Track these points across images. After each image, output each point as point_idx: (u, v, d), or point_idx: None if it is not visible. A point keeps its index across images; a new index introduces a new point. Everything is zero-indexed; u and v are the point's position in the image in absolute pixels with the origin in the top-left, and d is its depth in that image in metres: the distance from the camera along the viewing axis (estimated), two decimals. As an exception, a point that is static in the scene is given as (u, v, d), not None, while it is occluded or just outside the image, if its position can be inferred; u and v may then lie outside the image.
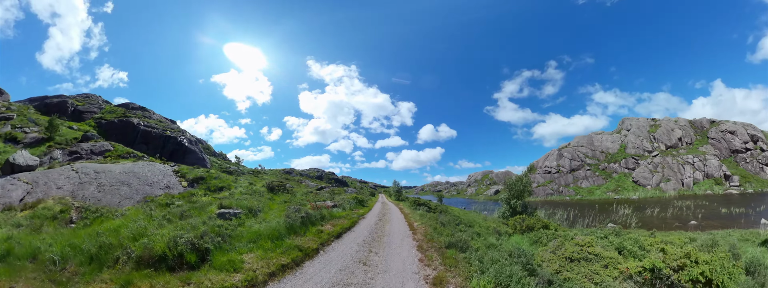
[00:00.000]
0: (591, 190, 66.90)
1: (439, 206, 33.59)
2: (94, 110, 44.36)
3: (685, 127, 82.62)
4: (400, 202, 37.86)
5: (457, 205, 55.91)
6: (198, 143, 42.00)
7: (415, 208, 26.64)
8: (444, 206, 37.92)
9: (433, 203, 37.25)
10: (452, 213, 24.97)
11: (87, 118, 41.83)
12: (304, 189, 36.89)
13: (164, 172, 20.56)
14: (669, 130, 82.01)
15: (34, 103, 44.61)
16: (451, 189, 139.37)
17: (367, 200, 31.41)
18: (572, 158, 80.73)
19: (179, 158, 36.07)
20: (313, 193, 29.39)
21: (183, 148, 38.16)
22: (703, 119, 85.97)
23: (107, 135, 37.38)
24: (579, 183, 71.95)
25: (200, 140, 64.51)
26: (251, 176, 36.87)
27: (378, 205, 29.07)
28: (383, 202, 35.27)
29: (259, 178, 36.99)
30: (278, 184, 19.87)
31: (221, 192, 18.25)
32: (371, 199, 37.94)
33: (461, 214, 26.39)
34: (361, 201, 25.46)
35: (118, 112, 43.91)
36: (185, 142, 39.18)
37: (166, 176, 20.22)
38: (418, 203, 32.47)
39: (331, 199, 22.17)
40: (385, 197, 53.74)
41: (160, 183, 18.77)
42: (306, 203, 15.26)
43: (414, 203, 32.99)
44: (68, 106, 43.60)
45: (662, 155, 73.06)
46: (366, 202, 28.77)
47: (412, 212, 21.49)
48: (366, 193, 48.12)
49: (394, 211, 24.26)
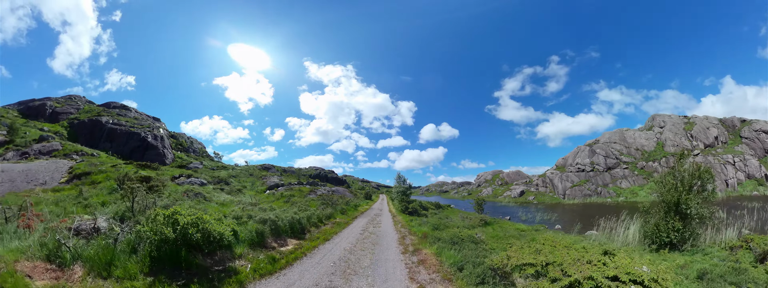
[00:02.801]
0: (633, 191, 61.83)
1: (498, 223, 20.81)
2: (71, 111, 46.19)
3: (718, 126, 77.20)
4: (409, 219, 20.74)
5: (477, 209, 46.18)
6: (163, 139, 41.55)
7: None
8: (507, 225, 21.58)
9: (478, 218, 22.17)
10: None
11: (62, 119, 43.62)
12: (238, 186, 30.80)
13: (59, 169, 20.31)
14: (704, 128, 76.48)
15: (20, 107, 47.52)
16: (460, 190, 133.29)
17: (339, 213, 20.32)
18: (606, 155, 74.76)
19: (139, 154, 36.80)
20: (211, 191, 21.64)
21: (145, 144, 38.77)
22: (733, 118, 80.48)
23: (77, 134, 39.33)
24: (618, 183, 66.59)
25: (193, 138, 66.54)
26: (207, 170, 36.41)
27: (350, 236, 13.71)
28: (374, 218, 20.70)
29: (214, 172, 36.09)
30: (140, 179, 15.95)
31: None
32: (355, 209, 25.24)
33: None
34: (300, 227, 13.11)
35: (93, 112, 45.69)
36: (149, 138, 39.77)
37: (58, 172, 19.81)
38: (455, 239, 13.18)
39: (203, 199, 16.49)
40: (387, 202, 43.27)
41: (38, 180, 18.23)
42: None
43: (438, 226, 16.57)
44: (47, 109, 45.59)
45: (703, 154, 68.10)
46: (327, 222, 16.79)
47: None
48: (356, 199, 37.46)
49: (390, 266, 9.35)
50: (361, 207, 30.74)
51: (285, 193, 28.13)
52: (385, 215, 23.94)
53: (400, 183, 38.02)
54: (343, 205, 24.61)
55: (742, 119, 79.24)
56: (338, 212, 20.53)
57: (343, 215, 20.92)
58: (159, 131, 43.88)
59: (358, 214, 22.99)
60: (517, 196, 77.42)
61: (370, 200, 51.31)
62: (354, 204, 29.42)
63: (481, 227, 18.27)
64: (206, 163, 43.18)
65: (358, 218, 20.67)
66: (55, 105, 48.48)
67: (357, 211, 24.53)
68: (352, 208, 26.43)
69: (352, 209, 25.00)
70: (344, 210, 22.61)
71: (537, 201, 67.85)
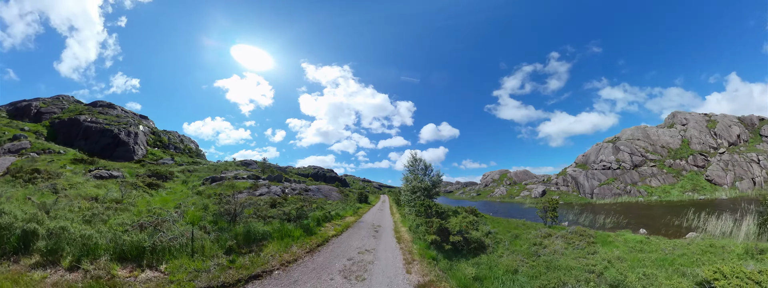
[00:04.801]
0: (665, 190, 59.91)
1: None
2: (55, 111, 47.83)
3: (738, 124, 77.07)
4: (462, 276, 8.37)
5: (507, 213, 38.64)
6: (136, 136, 42.35)
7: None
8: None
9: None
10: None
11: (45, 118, 45.12)
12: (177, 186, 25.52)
13: (2, 165, 20.24)
14: (726, 126, 75.75)
15: (9, 108, 49.51)
16: (466, 190, 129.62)
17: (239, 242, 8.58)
18: (631, 152, 72.57)
19: (110, 150, 37.63)
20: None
21: (117, 141, 39.42)
22: (752, 116, 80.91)
23: (56, 133, 40.29)
24: (647, 181, 64.34)
25: (186, 137, 66.09)
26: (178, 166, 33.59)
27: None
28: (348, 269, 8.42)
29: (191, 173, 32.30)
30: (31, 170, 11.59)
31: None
32: (315, 229, 13.02)
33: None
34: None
35: (76, 111, 46.92)
36: (121, 135, 40.36)
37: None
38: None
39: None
40: (389, 208, 32.19)
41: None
42: None
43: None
44: (32, 109, 47.51)
45: (729, 152, 67.32)
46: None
47: None
48: (342, 204, 28.81)
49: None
50: (335, 219, 18.45)
51: (214, 190, 22.13)
52: (386, 248, 11.57)
53: (417, 172, 21.87)
54: (293, 212, 14.15)
55: (760, 118, 79.37)
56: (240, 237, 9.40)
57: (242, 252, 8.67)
58: (138, 128, 44.81)
59: (305, 249, 10.19)
60: (538, 195, 73.74)
61: (366, 204, 37.00)
62: (324, 213, 17.70)
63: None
64: (179, 160, 43.07)
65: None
66: (41, 105, 49.96)
67: (311, 238, 11.80)
68: (312, 223, 13.80)
69: (296, 233, 11.43)
70: (284, 232, 11.08)
71: (563, 201, 64.65)
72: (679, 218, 25.61)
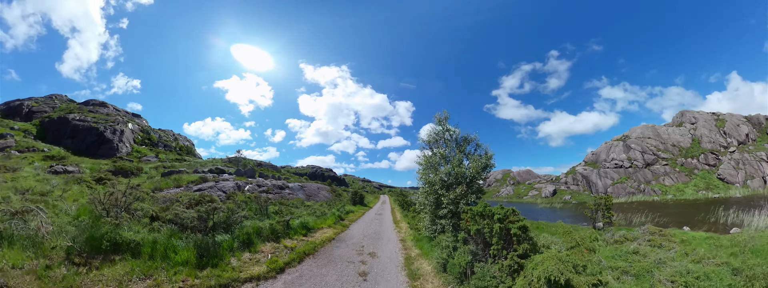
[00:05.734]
0: (679, 188, 59.54)
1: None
2: (46, 110, 48.36)
3: (746, 123, 78.26)
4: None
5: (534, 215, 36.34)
6: (122, 133, 42.58)
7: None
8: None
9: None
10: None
11: (36, 117, 45.68)
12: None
13: None
14: (735, 125, 76.76)
15: (2, 107, 48.80)
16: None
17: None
18: (643, 151, 72.09)
19: (95, 148, 38.13)
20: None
21: (101, 139, 39.78)
22: (758, 115, 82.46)
23: (45, 132, 41.02)
24: (661, 180, 63.94)
25: (181, 136, 65.85)
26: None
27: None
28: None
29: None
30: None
31: None
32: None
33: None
34: None
35: (67, 110, 47.03)
36: (107, 133, 40.81)
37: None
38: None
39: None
40: (391, 216, 25.67)
41: None
42: None
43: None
44: (24, 108, 48.24)
45: (739, 151, 67.99)
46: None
47: None
48: (326, 206, 23.04)
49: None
50: (297, 234, 12.53)
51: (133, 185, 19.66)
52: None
53: (446, 149, 13.16)
54: (215, 217, 9.34)
55: (767, 117, 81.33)
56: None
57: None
58: (126, 126, 45.04)
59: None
60: (548, 195, 72.20)
61: (362, 206, 30.60)
62: (278, 222, 11.96)
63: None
64: (164, 157, 43.11)
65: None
66: (33, 104, 50.72)
67: (200, 274, 6.83)
68: (232, 242, 9.01)
69: (180, 257, 7.13)
70: (162, 247, 7.27)
71: (575, 200, 63.77)
72: (708, 215, 25.51)
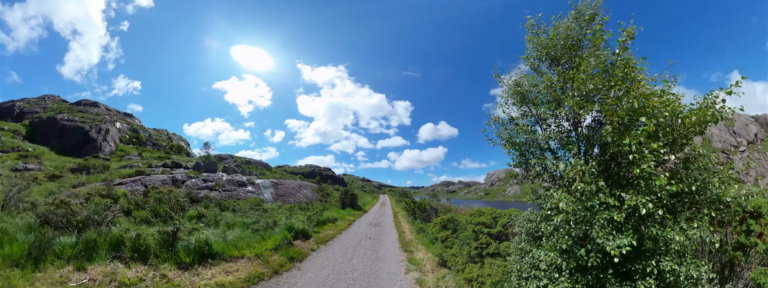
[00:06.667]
0: None
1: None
2: (37, 111, 48.92)
3: (754, 123, 79.19)
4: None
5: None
6: (107, 132, 42.71)
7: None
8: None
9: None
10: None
11: (27, 118, 46.08)
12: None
13: None
14: (743, 125, 76.95)
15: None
16: (473, 190, 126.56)
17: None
18: None
19: (80, 147, 38.33)
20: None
21: (86, 138, 40.03)
22: (765, 115, 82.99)
23: (34, 132, 41.57)
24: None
25: (176, 135, 64.63)
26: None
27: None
28: None
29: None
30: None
31: None
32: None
33: None
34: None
35: (57, 110, 47.05)
36: (92, 132, 41.02)
37: None
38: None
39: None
40: (397, 225, 18.93)
41: None
42: None
43: None
44: (15, 109, 49.12)
45: (749, 150, 69.33)
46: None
47: None
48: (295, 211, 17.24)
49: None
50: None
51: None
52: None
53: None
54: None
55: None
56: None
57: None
58: (113, 125, 44.94)
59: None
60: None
61: (352, 210, 25.18)
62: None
63: None
64: (147, 155, 42.47)
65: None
66: (24, 105, 51.59)
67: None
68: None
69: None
70: None
71: None
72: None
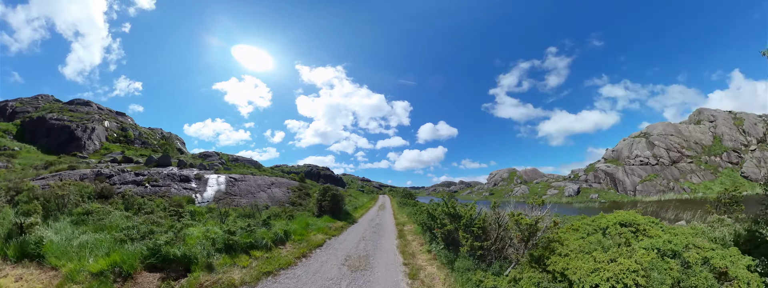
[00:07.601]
0: (707, 186, 58.77)
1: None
2: (29, 110, 49.00)
3: (763, 122, 78.06)
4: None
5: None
6: (93, 131, 42.63)
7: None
8: None
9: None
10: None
11: (18, 118, 46.21)
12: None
13: None
14: (752, 123, 76.26)
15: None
16: (476, 190, 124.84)
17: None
18: (668, 148, 70.95)
19: (64, 145, 38.67)
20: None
21: (72, 137, 40.21)
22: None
23: (24, 132, 41.99)
24: (688, 178, 62.87)
25: (172, 135, 63.56)
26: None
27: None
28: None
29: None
30: None
31: None
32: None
33: None
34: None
35: (49, 109, 46.75)
36: (77, 131, 41.10)
37: None
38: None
39: None
40: (410, 255, 10.31)
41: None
42: None
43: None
44: (8, 109, 49.14)
45: (760, 149, 67.81)
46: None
47: None
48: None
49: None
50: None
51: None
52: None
53: None
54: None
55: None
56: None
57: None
58: (101, 124, 44.99)
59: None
60: (573, 194, 69.53)
61: (334, 221, 16.77)
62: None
63: None
64: (130, 154, 39.77)
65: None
66: (17, 105, 51.68)
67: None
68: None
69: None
70: None
71: (603, 199, 61.33)
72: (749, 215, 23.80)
